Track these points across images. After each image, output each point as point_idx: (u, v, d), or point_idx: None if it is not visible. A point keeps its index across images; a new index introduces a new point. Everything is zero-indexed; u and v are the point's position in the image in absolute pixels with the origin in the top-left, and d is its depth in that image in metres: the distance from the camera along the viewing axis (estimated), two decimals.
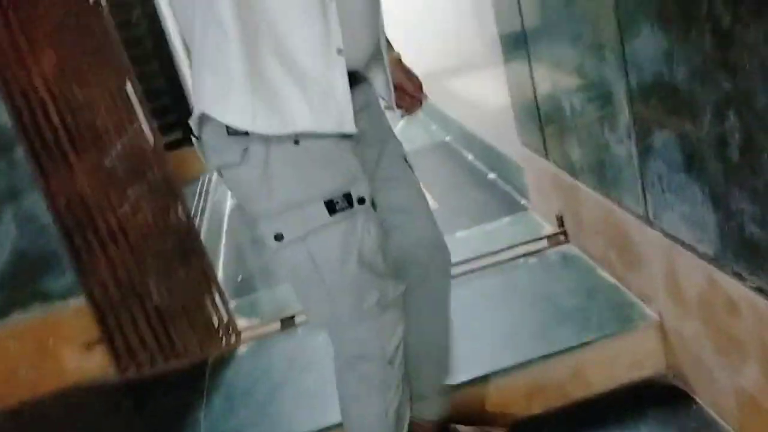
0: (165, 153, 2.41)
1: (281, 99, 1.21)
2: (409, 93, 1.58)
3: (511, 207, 2.98)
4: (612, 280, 2.14)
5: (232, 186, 1.35)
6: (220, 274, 2.87)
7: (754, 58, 1.18)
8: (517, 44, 2.43)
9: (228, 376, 2.23)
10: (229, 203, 4.16)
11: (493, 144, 3.43)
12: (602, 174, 2.01)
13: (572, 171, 2.25)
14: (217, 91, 1.22)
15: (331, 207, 1.28)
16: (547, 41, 2.19)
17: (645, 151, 1.70)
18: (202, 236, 2.69)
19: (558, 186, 2.43)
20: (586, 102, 2.00)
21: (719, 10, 1.23)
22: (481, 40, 3.24)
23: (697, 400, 1.79)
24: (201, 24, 1.19)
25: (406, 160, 1.54)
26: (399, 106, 1.57)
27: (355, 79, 1.37)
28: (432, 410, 1.69)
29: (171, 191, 2.33)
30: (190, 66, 1.28)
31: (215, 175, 4.16)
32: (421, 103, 1.61)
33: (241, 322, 2.48)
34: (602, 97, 1.85)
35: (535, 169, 2.66)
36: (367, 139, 1.41)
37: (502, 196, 3.20)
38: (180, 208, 2.35)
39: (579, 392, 1.92)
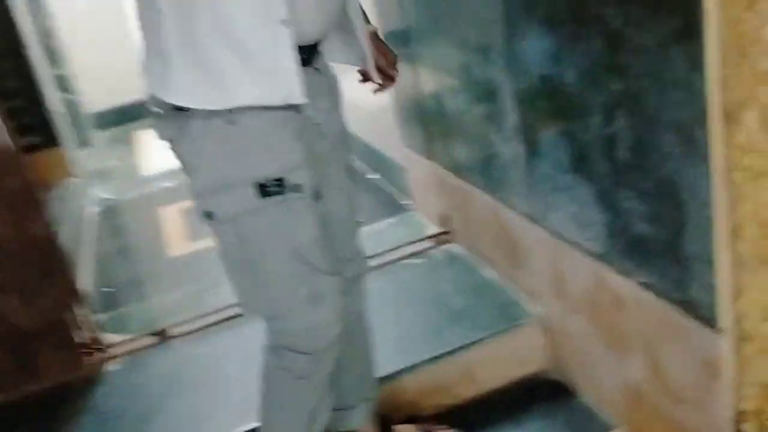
0: (23, 157, 2.21)
1: (221, 73, 1.20)
2: (382, 70, 1.54)
3: (394, 208, 2.95)
4: (499, 278, 2.16)
5: (177, 161, 1.33)
6: (85, 286, 2.65)
7: (645, 59, 1.21)
8: (400, 45, 2.40)
9: (98, 398, 2.06)
10: (93, 209, 3.89)
11: (375, 145, 3.41)
12: (489, 174, 2.03)
13: (458, 171, 2.25)
14: (158, 70, 1.23)
15: (262, 190, 1.24)
16: (432, 42, 2.18)
17: (532, 151, 1.72)
18: (65, 246, 2.47)
19: (442, 186, 2.44)
20: (473, 103, 2.00)
21: (611, 12, 1.25)
22: None
23: (582, 394, 1.84)
24: (140, 6, 1.23)
25: (351, 172, 1.52)
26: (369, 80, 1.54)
27: (314, 54, 1.34)
28: (360, 418, 1.68)
29: (30, 199, 2.13)
30: None
31: (78, 179, 3.87)
32: (393, 80, 1.58)
33: (112, 338, 2.30)
34: (489, 97, 1.86)
35: (419, 170, 2.66)
36: (322, 129, 1.37)
37: (385, 197, 3.18)
38: (41, 218, 2.15)
39: (469, 391, 1.92)
